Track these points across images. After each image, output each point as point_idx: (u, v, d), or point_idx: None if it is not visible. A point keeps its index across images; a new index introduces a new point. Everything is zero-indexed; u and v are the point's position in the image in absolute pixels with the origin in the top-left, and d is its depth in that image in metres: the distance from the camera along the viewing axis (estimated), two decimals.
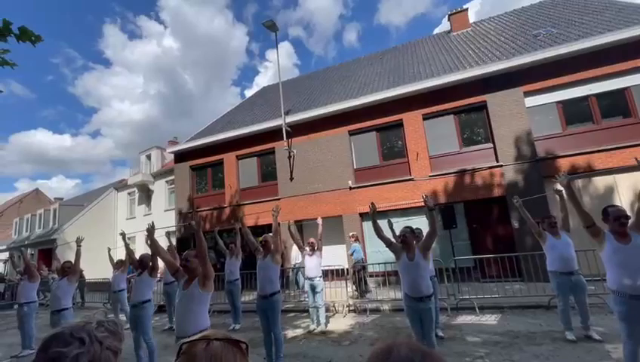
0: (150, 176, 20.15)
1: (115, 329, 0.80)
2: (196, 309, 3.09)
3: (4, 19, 3.43)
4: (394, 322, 6.30)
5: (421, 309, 3.64)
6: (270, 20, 11.49)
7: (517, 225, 8.67)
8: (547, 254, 4.72)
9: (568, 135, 8.83)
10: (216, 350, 0.73)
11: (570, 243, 4.56)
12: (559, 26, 10.42)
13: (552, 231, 4.66)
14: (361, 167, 11.01)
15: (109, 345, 0.76)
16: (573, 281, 4.41)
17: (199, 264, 3.16)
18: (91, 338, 0.74)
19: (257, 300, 4.61)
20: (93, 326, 0.77)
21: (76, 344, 0.72)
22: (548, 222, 4.71)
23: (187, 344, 0.76)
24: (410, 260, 3.74)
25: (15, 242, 25.72)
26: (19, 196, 38.60)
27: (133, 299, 4.75)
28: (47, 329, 7.30)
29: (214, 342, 0.75)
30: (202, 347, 0.74)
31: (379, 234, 4.04)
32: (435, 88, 10.00)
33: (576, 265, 4.50)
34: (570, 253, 4.48)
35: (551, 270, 4.62)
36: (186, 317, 3.07)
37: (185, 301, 3.13)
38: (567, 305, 4.51)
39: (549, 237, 4.65)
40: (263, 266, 4.63)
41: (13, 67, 3.83)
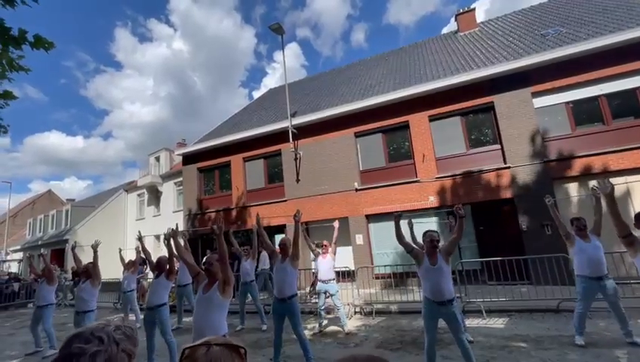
0: (159, 177, 20.43)
1: (131, 334, 0.85)
2: (215, 315, 3.08)
3: (19, 29, 3.55)
4: (400, 324, 6.29)
5: (443, 313, 3.57)
6: (276, 23, 11.58)
7: (525, 227, 8.57)
8: (574, 258, 4.55)
9: (578, 136, 8.69)
10: (216, 355, 0.78)
11: (599, 246, 4.39)
12: (568, 26, 10.28)
13: (581, 234, 4.49)
14: (367, 169, 11.01)
15: (124, 347, 0.81)
16: (603, 286, 4.26)
17: (220, 268, 3.16)
18: (109, 339, 0.80)
19: (275, 303, 4.58)
20: (111, 329, 0.82)
21: (96, 342, 0.78)
22: (577, 225, 4.53)
23: (189, 349, 0.81)
24: (433, 265, 3.66)
25: (29, 242, 26.34)
26: (32, 197, 39.54)
27: (150, 302, 4.83)
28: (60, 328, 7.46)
29: (214, 347, 0.80)
30: (203, 352, 0.79)
31: (400, 240, 3.91)
32: (442, 89, 9.95)
33: (605, 269, 4.33)
34: (599, 257, 4.33)
35: (579, 274, 4.46)
36: (204, 322, 3.05)
37: (204, 305, 3.12)
38: (587, 311, 4.41)
39: (578, 240, 4.48)
40: (281, 269, 4.60)
41: (27, 72, 3.96)
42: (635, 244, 3.06)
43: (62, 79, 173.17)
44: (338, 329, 6.33)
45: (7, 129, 4.61)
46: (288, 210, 11.77)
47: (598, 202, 4.40)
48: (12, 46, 3.58)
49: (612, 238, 4.24)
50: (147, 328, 4.82)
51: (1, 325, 9.62)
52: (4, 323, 9.83)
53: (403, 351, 4.90)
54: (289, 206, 11.81)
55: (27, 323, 6.87)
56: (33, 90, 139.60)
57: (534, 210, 8.52)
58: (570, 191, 8.56)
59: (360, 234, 10.51)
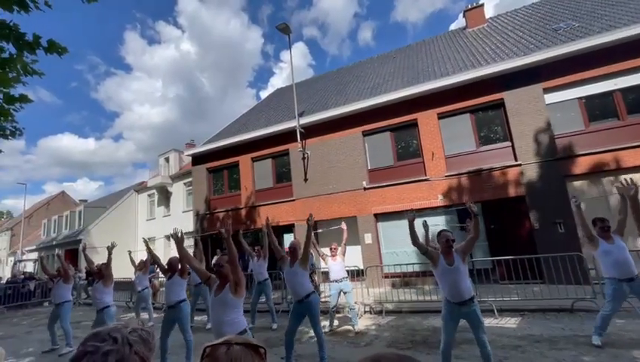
0: (169, 178, 20.69)
1: (147, 338, 0.86)
2: (231, 315, 3.11)
3: (34, 34, 3.63)
4: (411, 324, 6.25)
5: (464, 313, 3.51)
6: (283, 23, 11.60)
7: (537, 225, 8.43)
8: (600, 260, 4.40)
9: (591, 132, 8.51)
10: (237, 354, 0.79)
11: (624, 247, 4.25)
12: (581, 19, 10.05)
13: (605, 235, 4.33)
14: (376, 168, 10.96)
15: (137, 350, 0.82)
16: (633, 288, 4.13)
17: (231, 270, 3.18)
18: (123, 340, 0.81)
19: (294, 305, 4.58)
20: (127, 331, 0.83)
21: (110, 342, 0.79)
22: (600, 226, 4.37)
23: (210, 347, 0.81)
24: (450, 265, 3.58)
25: (44, 243, 26.97)
26: (46, 198, 40.46)
27: (170, 301, 4.89)
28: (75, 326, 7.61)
29: (235, 346, 0.81)
30: (224, 351, 0.80)
31: (415, 242, 3.78)
32: (451, 87, 9.84)
33: (635, 269, 4.18)
34: (626, 258, 4.19)
35: (609, 277, 4.31)
36: (221, 324, 3.08)
37: (218, 308, 3.15)
38: (614, 313, 4.26)
39: (602, 242, 4.32)
40: (291, 273, 4.60)
41: (41, 76, 4.04)
42: None
43: (74, 82, 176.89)
44: (348, 328, 6.32)
45: (23, 132, 4.72)
46: (296, 210, 11.81)
47: (623, 201, 4.22)
48: (27, 51, 3.66)
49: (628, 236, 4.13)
50: (165, 327, 4.85)
51: (18, 323, 9.87)
52: (21, 322, 10.08)
53: (414, 351, 4.87)
54: (297, 205, 11.84)
55: (43, 321, 7.04)
56: (46, 93, 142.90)
57: (547, 207, 8.37)
58: (583, 189, 8.38)
59: (369, 233, 10.47)
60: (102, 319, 5.32)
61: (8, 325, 9.58)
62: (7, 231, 34.41)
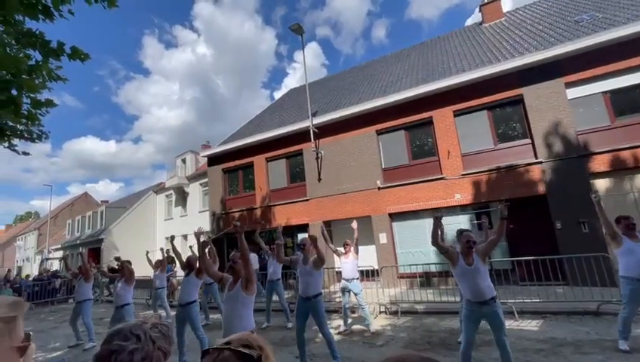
0: (185, 179, 21.14)
1: (166, 332, 0.88)
2: (242, 312, 3.22)
3: (58, 41, 3.78)
4: (427, 324, 6.16)
5: (486, 313, 3.45)
6: (296, 24, 11.64)
7: (560, 225, 8.13)
8: (620, 258, 4.24)
9: (618, 127, 8.13)
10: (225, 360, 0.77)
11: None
12: (605, 10, 9.63)
13: (630, 233, 4.18)
14: (390, 167, 10.85)
15: (160, 345, 0.84)
16: None
17: (243, 266, 3.31)
18: (146, 337, 0.83)
19: (299, 302, 4.64)
20: (148, 326, 0.85)
21: (134, 340, 0.82)
22: (625, 224, 4.23)
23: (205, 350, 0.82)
24: (469, 265, 3.55)
25: (68, 242, 28.07)
26: (71, 199, 42.10)
27: (181, 300, 5.05)
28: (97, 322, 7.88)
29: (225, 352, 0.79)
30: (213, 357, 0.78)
31: (435, 242, 3.73)
32: (467, 83, 9.62)
33: None
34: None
35: (625, 275, 4.17)
36: (232, 319, 3.20)
37: (231, 303, 3.27)
38: (633, 315, 4.12)
39: (626, 240, 4.17)
40: (304, 271, 4.67)
41: (65, 82, 4.20)
42: None
43: (95, 87, 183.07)
44: (364, 328, 6.29)
45: (48, 135, 4.92)
46: (311, 209, 11.84)
47: None
48: (52, 58, 3.82)
49: None
50: (178, 325, 5.01)
51: (46, 319, 10.31)
52: (48, 318, 10.53)
53: (431, 352, 4.79)
54: (311, 205, 11.86)
55: (68, 317, 7.32)
56: (70, 98, 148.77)
57: (569, 206, 8.07)
58: (609, 187, 8.04)
59: (383, 233, 10.38)
60: (120, 315, 5.52)
61: (36, 321, 10.02)
62: (34, 231, 36.00)
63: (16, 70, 3.73)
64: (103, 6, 3.65)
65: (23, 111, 4.09)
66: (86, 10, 66.31)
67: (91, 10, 34.21)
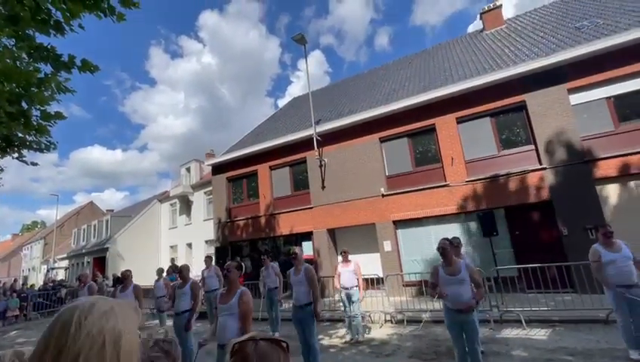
0: (190, 187, 21.27)
1: (168, 349, 0.90)
2: (236, 323, 3.26)
3: (69, 55, 3.88)
4: (434, 333, 6.09)
5: (462, 321, 3.54)
6: (299, 34, 11.82)
7: (566, 231, 8.05)
8: (604, 268, 4.30)
9: (622, 133, 8.09)
10: (264, 349, 0.86)
11: (630, 256, 4.18)
12: (606, 16, 9.68)
13: (607, 242, 4.30)
14: (393, 174, 10.85)
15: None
16: (632, 295, 4.03)
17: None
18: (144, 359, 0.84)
19: (293, 310, 4.70)
20: (149, 345, 0.87)
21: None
22: (602, 232, 4.34)
23: (238, 344, 0.86)
24: (451, 275, 3.65)
25: (74, 251, 28.21)
26: (76, 208, 42.46)
27: (177, 309, 5.09)
28: None
29: (261, 342, 0.87)
30: (252, 347, 0.86)
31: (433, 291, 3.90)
32: (469, 90, 9.66)
33: (635, 277, 4.10)
34: (629, 266, 4.12)
35: None
36: (227, 329, 3.26)
37: (224, 314, 3.30)
38: (628, 321, 4.11)
39: (604, 252, 4.29)
40: (296, 281, 4.70)
41: (73, 93, 4.29)
42: None
43: (102, 97, 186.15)
44: (370, 337, 6.23)
45: (56, 145, 5.01)
46: (315, 217, 11.84)
47: None
48: (63, 70, 3.91)
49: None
50: (177, 333, 5.00)
51: None
52: None
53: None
54: (315, 213, 11.86)
55: None
56: (77, 108, 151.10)
57: (575, 213, 7.99)
58: (614, 192, 7.97)
59: (388, 240, 10.33)
60: None
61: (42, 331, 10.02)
62: (40, 240, 36.27)
63: (26, 83, 3.83)
64: (111, 20, 3.75)
65: (32, 123, 4.19)
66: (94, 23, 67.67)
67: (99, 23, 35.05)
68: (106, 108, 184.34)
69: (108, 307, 0.75)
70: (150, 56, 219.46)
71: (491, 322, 6.12)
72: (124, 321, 0.75)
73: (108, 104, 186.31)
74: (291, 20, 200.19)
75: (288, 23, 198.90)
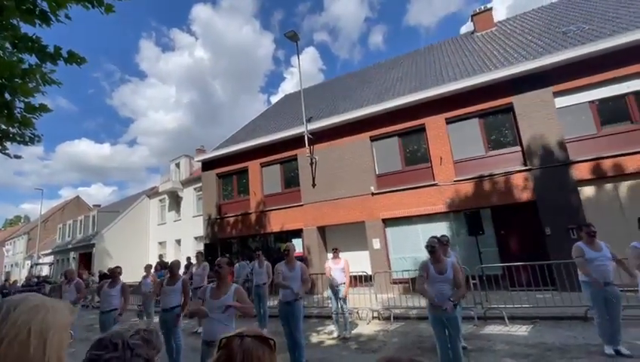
0: (179, 183, 21.04)
1: (149, 338, 0.89)
2: (225, 320, 3.26)
3: (55, 46, 3.80)
4: (419, 330, 6.20)
5: (446, 318, 3.62)
6: (291, 31, 11.78)
7: (549, 231, 8.28)
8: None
9: (603, 136, 8.35)
10: (250, 345, 0.88)
11: (609, 256, 4.36)
12: (592, 22, 9.93)
13: (590, 241, 4.45)
14: (383, 173, 10.95)
15: (139, 352, 0.85)
16: (607, 292, 4.22)
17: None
18: (124, 345, 0.84)
19: (280, 306, 4.73)
20: (129, 334, 0.87)
21: (111, 348, 0.83)
22: (586, 231, 4.49)
23: (225, 339, 0.89)
24: (439, 273, 3.71)
25: (59, 246, 27.63)
26: (62, 203, 41.50)
27: (164, 305, 5.01)
28: (88, 329, 7.78)
29: (247, 338, 0.89)
30: (238, 342, 0.88)
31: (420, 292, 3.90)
32: (458, 91, 9.80)
33: (611, 276, 4.28)
34: (606, 265, 4.29)
35: (584, 280, 4.45)
36: (216, 326, 3.23)
37: (215, 311, 3.27)
38: (605, 317, 4.28)
39: (587, 250, 4.43)
40: (290, 277, 4.73)
41: (59, 85, 4.21)
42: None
43: (90, 90, 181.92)
44: (358, 333, 6.32)
45: (41, 138, 4.91)
46: (305, 214, 11.86)
47: None
48: (49, 62, 3.83)
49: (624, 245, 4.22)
50: (163, 330, 4.96)
51: None
52: None
53: (422, 357, 4.83)
54: (306, 210, 11.89)
55: None
56: (64, 100, 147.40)
57: (558, 213, 8.22)
58: (595, 194, 8.22)
59: (377, 238, 10.44)
60: (106, 321, 5.45)
61: None
62: (24, 236, 35.39)
63: (9, 74, 3.74)
64: (100, 11, 3.69)
65: (15, 115, 4.09)
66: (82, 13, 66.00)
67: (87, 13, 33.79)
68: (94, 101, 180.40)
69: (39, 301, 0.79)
70: (140, 49, 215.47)
71: (475, 319, 6.27)
72: (53, 316, 0.79)
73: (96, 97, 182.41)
74: (285, 16, 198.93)
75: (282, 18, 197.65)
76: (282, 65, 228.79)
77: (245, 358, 0.85)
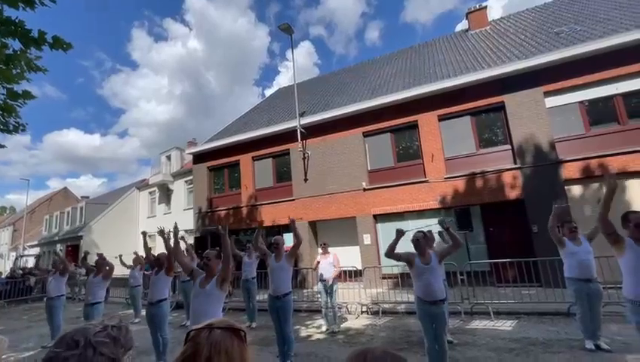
0: (170, 176, 20.78)
1: (117, 336, 0.84)
2: (211, 308, 3.26)
3: (39, 30, 3.67)
4: (407, 324, 6.28)
5: (434, 313, 3.66)
6: (285, 23, 11.65)
7: (536, 228, 8.43)
8: (565, 260, 4.65)
9: (591, 136, 8.51)
10: (218, 337, 0.84)
11: (590, 251, 4.49)
12: (583, 23, 10.05)
13: (572, 236, 4.60)
14: (375, 169, 10.99)
15: (103, 351, 0.79)
16: (590, 289, 4.34)
17: (222, 266, 3.33)
18: (86, 343, 0.79)
19: (269, 300, 4.72)
20: (94, 331, 0.82)
21: (72, 346, 0.78)
22: (568, 228, 4.66)
23: (194, 331, 0.86)
24: (425, 264, 3.77)
25: (45, 238, 27.12)
26: (49, 194, 40.67)
27: (151, 298, 4.91)
28: (74, 322, 7.70)
29: (215, 331, 0.85)
30: (205, 334, 0.85)
31: (391, 254, 3.98)
32: (452, 89, 9.85)
33: (594, 273, 4.41)
34: (589, 261, 4.42)
35: (568, 276, 4.56)
36: (201, 314, 3.23)
37: (201, 299, 3.30)
38: (587, 313, 4.39)
39: (568, 243, 4.58)
40: (277, 268, 4.73)
41: (45, 72, 4.08)
42: (619, 242, 3.03)
43: (79, 78, 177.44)
44: (347, 327, 6.36)
45: (26, 127, 4.77)
46: (297, 209, 11.85)
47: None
48: (33, 47, 3.70)
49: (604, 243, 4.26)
50: (149, 323, 4.89)
51: (19, 318, 9.95)
52: (22, 316, 10.16)
53: (408, 351, 4.90)
54: (297, 205, 11.88)
55: (43, 316, 7.11)
56: (52, 88, 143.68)
57: (545, 211, 8.25)
58: (582, 193, 8.39)
59: (367, 234, 10.50)
60: (90, 314, 5.36)
61: (9, 319, 9.66)
62: (9, 227, 34.62)
63: None
64: None
65: None
66: None
67: None
68: (84, 90, 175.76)
69: None
70: (132, 38, 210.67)
71: (462, 314, 6.38)
72: None
73: (85, 86, 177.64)
74: (281, 9, 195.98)
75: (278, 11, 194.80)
76: (277, 59, 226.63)
77: (213, 351, 0.81)
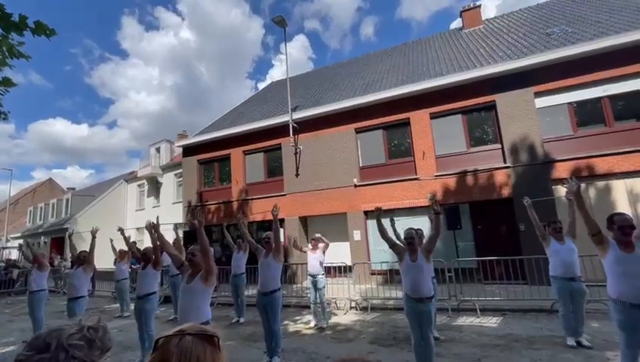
0: (159, 168, 20.45)
1: (93, 338, 0.81)
2: (199, 303, 3.24)
3: (20, 15, 3.51)
4: (395, 321, 6.34)
5: (420, 310, 3.69)
6: (279, 16, 11.48)
7: (523, 227, 8.58)
8: (550, 259, 4.74)
9: (579, 137, 8.66)
10: (187, 344, 0.79)
11: (574, 249, 4.58)
12: (574, 25, 10.17)
13: (557, 236, 4.69)
14: (367, 165, 11.00)
15: (76, 354, 0.76)
16: (573, 287, 4.42)
17: (203, 259, 3.28)
18: (57, 346, 0.75)
19: (258, 296, 4.71)
20: (67, 333, 0.78)
21: (42, 349, 0.75)
22: (553, 228, 4.74)
23: (163, 338, 0.82)
24: (413, 261, 3.80)
25: (29, 230, 26.50)
26: (33, 185, 39.65)
27: (139, 292, 4.86)
28: (58, 316, 7.55)
29: (186, 337, 0.81)
30: (175, 342, 0.80)
31: (383, 236, 4.12)
32: (444, 87, 9.89)
33: (578, 271, 4.51)
34: (572, 259, 4.51)
35: (553, 275, 4.65)
36: (188, 310, 3.21)
37: (188, 295, 3.27)
38: (569, 311, 4.50)
39: (553, 241, 4.67)
40: (265, 264, 4.72)
41: (28, 59, 3.93)
42: (603, 243, 3.09)
43: (67, 66, 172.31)
44: (335, 322, 6.39)
45: (7, 115, 4.60)
46: (288, 204, 11.80)
47: (571, 204, 4.52)
48: (14, 32, 3.55)
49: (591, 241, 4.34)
50: (137, 318, 4.84)
51: (1, 311, 9.72)
52: (4, 310, 9.93)
53: (395, 347, 4.95)
54: (288, 200, 11.83)
55: (26, 310, 6.93)
56: (37, 76, 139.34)
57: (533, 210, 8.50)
58: None
59: (358, 230, 10.54)
60: (73, 309, 5.25)
61: None
62: None
63: None
64: None
65: None
66: None
67: None
68: (71, 79, 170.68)
69: None
70: (122, 26, 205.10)
71: (449, 310, 6.47)
72: None
73: (73, 74, 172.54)
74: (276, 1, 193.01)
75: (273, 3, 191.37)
76: (271, 52, 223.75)
77: (182, 359, 0.77)
